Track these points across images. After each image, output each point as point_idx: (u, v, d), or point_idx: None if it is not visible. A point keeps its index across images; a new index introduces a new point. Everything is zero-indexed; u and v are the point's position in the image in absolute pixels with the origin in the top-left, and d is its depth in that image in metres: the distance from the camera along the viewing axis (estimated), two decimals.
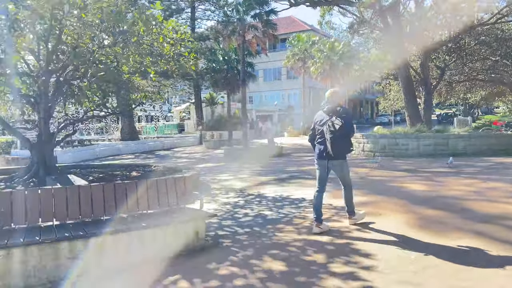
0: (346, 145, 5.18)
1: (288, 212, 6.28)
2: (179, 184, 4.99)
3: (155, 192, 4.80)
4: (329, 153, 5.05)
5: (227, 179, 10.58)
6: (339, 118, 5.04)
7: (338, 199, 7.09)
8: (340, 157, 5.16)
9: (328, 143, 5.03)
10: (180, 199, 4.96)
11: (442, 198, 6.84)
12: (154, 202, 4.78)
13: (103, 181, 9.13)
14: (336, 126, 5.00)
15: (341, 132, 5.01)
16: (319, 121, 5.23)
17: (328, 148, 5.03)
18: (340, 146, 5.07)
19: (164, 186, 4.88)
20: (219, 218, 6.03)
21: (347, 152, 5.23)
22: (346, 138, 5.14)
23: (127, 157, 21.53)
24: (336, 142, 5.01)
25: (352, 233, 4.93)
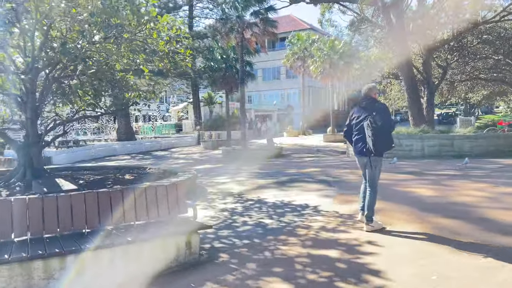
0: (387, 141, 5.08)
1: (290, 220, 5.81)
2: (171, 191, 4.51)
3: (144, 201, 4.33)
4: (369, 149, 4.98)
5: (224, 182, 10.11)
6: (378, 114, 4.95)
7: (343, 205, 6.65)
8: (378, 154, 5.05)
9: (368, 139, 4.95)
10: (171, 208, 4.49)
11: (453, 205, 6.38)
12: (143, 212, 4.31)
13: (94, 184, 8.66)
14: (378, 122, 4.90)
15: (382, 128, 4.91)
16: (357, 117, 5.17)
17: (369, 144, 4.96)
18: (382, 142, 4.98)
19: (154, 194, 4.41)
20: (215, 228, 5.56)
21: (388, 148, 5.18)
22: (387, 133, 5.07)
23: (123, 158, 21.04)
24: (377, 138, 4.92)
25: (362, 246, 4.46)
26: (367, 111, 5.07)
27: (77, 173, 10.95)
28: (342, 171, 11.27)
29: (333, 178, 9.77)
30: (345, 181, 9.40)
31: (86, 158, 20.79)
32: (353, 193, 7.78)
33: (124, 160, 19.71)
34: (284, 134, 35.22)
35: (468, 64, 28.74)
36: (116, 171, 10.88)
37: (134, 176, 9.51)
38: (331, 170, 11.61)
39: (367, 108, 5.10)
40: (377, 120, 4.91)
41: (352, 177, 9.90)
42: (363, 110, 5.14)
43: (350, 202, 6.95)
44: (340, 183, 9.07)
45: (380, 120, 4.91)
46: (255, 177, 10.86)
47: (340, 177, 9.93)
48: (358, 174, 10.56)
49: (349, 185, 8.74)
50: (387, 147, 5.11)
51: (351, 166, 12.70)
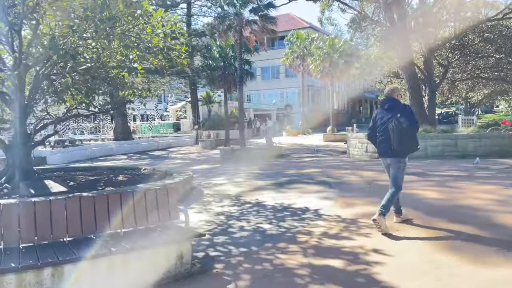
0: (412, 142, 5.04)
1: (290, 225, 5.47)
2: (161, 196, 4.17)
3: (131, 207, 3.99)
4: (394, 151, 4.99)
5: (222, 183, 9.77)
6: (403, 115, 4.95)
7: (345, 208, 6.31)
8: (403, 155, 5.08)
9: (393, 141, 4.95)
10: (162, 214, 4.14)
11: (461, 208, 6.05)
12: (130, 219, 3.96)
13: (85, 186, 8.31)
14: (403, 124, 4.89)
15: (407, 129, 4.89)
16: (380, 118, 5.18)
17: (394, 145, 4.96)
18: (406, 143, 4.97)
19: (143, 200, 4.07)
20: (211, 234, 5.22)
21: (414, 150, 5.13)
22: (412, 135, 5.03)
23: (120, 157, 20.67)
24: (401, 140, 4.91)
25: (368, 255, 4.12)
26: (390, 112, 5.07)
27: (69, 174, 10.60)
28: (343, 172, 10.93)
29: (334, 180, 9.43)
30: (346, 182, 9.06)
31: (81, 158, 20.42)
32: (355, 195, 7.46)
33: (121, 160, 19.35)
34: (283, 134, 34.89)
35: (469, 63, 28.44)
36: (110, 172, 10.53)
37: (128, 178, 9.16)
38: (332, 170, 11.27)
39: (391, 110, 5.10)
40: (402, 122, 4.89)
41: (353, 178, 9.57)
42: (387, 111, 5.15)
43: (352, 205, 6.61)
44: (341, 184, 8.73)
45: (405, 121, 4.90)
46: (253, 178, 10.53)
47: (341, 178, 9.60)
48: (360, 175, 10.29)
49: (350, 187, 8.41)
50: (412, 148, 5.09)
51: (351, 166, 12.38)
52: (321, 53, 28.94)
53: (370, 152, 14.95)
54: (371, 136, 5.44)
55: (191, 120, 34.28)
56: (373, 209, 6.20)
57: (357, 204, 6.68)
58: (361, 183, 8.93)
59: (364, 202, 6.76)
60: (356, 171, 10.92)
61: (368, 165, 12.42)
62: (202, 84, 32.35)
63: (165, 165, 15.27)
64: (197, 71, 27.64)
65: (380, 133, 5.17)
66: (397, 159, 5.06)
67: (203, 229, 5.45)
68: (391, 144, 4.99)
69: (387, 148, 5.07)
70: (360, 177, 9.77)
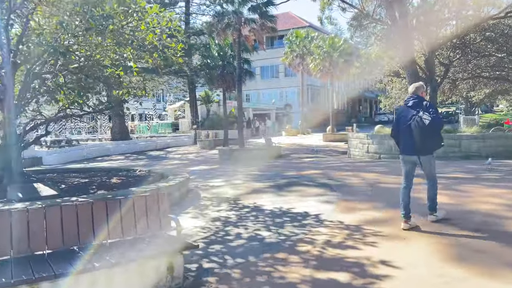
0: (437, 139, 5.05)
1: (290, 232, 5.15)
2: (151, 203, 3.86)
3: (118, 215, 3.67)
4: (419, 149, 4.98)
5: (219, 186, 9.46)
6: (427, 113, 4.90)
7: (348, 213, 5.99)
8: (429, 152, 5.09)
9: (417, 139, 4.93)
10: (152, 223, 3.83)
11: (470, 214, 5.73)
12: (117, 228, 3.65)
13: (77, 189, 7.98)
14: (426, 121, 4.84)
15: (431, 127, 4.85)
16: (404, 116, 5.16)
17: (418, 143, 4.94)
18: (431, 141, 4.97)
19: (131, 207, 3.75)
20: (206, 242, 4.90)
21: (438, 147, 5.14)
22: (436, 132, 5.01)
23: (116, 158, 20.36)
24: (426, 137, 4.90)
25: (375, 268, 3.80)
26: (414, 109, 5.03)
27: (62, 175, 10.28)
28: (344, 173, 10.62)
29: (335, 182, 9.11)
30: (348, 185, 8.75)
31: (78, 159, 20.10)
32: (358, 199, 7.15)
33: (117, 160, 19.03)
34: (283, 134, 34.59)
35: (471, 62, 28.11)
36: (104, 173, 10.22)
37: (122, 180, 8.84)
38: (332, 172, 10.96)
39: (414, 107, 5.05)
40: (425, 119, 4.83)
41: (355, 181, 9.25)
42: (411, 109, 5.09)
43: (355, 210, 6.30)
44: (342, 187, 8.42)
45: (429, 118, 4.84)
46: (252, 179, 10.22)
47: (342, 181, 9.29)
48: (361, 177, 9.97)
49: (352, 190, 8.09)
50: (436, 145, 5.09)
51: (353, 168, 12.07)
52: (321, 52, 28.64)
53: (371, 152, 14.65)
54: (395, 133, 5.43)
55: (189, 119, 33.95)
56: (377, 214, 5.93)
57: (360, 208, 6.37)
58: (363, 185, 8.62)
59: (368, 207, 6.46)
60: (357, 172, 10.61)
61: (369, 166, 12.12)
62: (200, 84, 32.05)
63: (162, 166, 14.96)
64: (195, 70, 27.31)
65: (404, 130, 5.13)
66: (424, 157, 5.06)
67: (198, 237, 5.15)
68: (415, 142, 4.95)
69: (411, 145, 5.04)
70: (362, 179, 9.46)
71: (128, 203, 3.76)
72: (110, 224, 3.62)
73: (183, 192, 7.95)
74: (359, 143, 15.45)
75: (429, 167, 5.18)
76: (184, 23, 30.18)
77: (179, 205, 7.23)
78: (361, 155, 15.16)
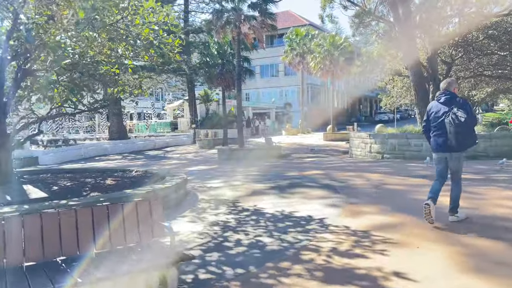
0: (472, 137, 4.96)
1: (293, 239, 4.81)
2: (143, 210, 3.52)
3: (106, 223, 3.33)
4: (452, 146, 4.88)
5: (218, 187, 9.12)
6: (461, 109, 4.82)
7: (354, 218, 5.66)
8: (462, 149, 5.00)
9: (451, 135, 4.85)
10: (143, 232, 3.50)
11: (487, 219, 5.38)
12: (104, 238, 3.31)
13: (69, 191, 7.63)
14: (461, 118, 4.77)
15: (466, 123, 4.78)
16: (435, 112, 5.09)
17: (451, 140, 4.86)
18: (465, 138, 4.87)
19: (120, 214, 3.41)
20: (203, 249, 4.57)
21: (472, 145, 5.03)
22: (471, 129, 4.94)
23: (114, 158, 20.01)
24: (460, 134, 4.82)
25: (388, 280, 3.46)
26: (447, 106, 4.96)
27: (56, 176, 9.93)
28: (347, 174, 10.29)
29: (338, 183, 8.78)
30: (352, 186, 8.42)
31: (75, 158, 19.76)
32: (363, 202, 6.82)
33: (115, 160, 18.68)
34: (283, 133, 34.26)
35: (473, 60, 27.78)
36: (99, 174, 9.87)
37: (117, 181, 8.50)
38: (335, 173, 10.63)
39: (447, 103, 4.98)
40: (460, 116, 4.75)
41: (359, 182, 8.92)
42: (443, 105, 5.02)
43: (361, 214, 5.96)
44: (346, 189, 8.08)
45: (463, 115, 4.77)
46: (252, 180, 9.88)
47: (346, 182, 8.96)
48: (365, 178, 9.64)
49: (357, 192, 7.76)
50: (470, 143, 4.97)
51: (356, 168, 11.75)
52: (321, 50, 28.30)
53: (373, 152, 14.32)
54: (425, 130, 5.35)
55: (188, 119, 33.61)
56: (385, 218, 5.59)
57: (367, 212, 6.03)
58: (368, 187, 8.29)
59: (374, 210, 6.12)
60: (361, 173, 10.28)
61: (372, 167, 11.79)
62: (200, 82, 31.71)
63: (159, 166, 14.63)
64: (194, 69, 26.95)
65: (435, 127, 5.07)
66: (456, 154, 4.98)
67: (194, 243, 4.81)
68: (447, 139, 4.87)
69: (443, 142, 4.96)
70: (366, 180, 9.13)
71: (117, 209, 3.42)
72: (96, 233, 3.29)
73: (180, 194, 7.61)
74: (361, 143, 15.12)
75: (457, 165, 5.07)
76: (183, 21, 29.82)
77: (175, 208, 6.90)
78: (363, 155, 14.83)
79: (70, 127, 32.02)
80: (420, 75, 16.84)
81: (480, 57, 27.30)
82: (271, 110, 44.13)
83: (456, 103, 4.93)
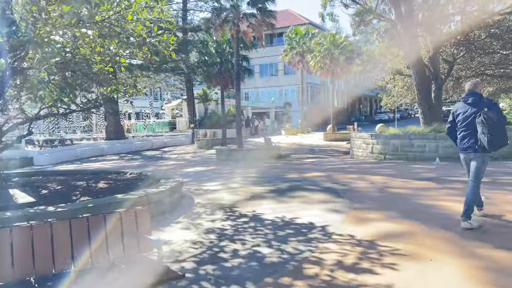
0: (503, 137, 4.85)
1: (294, 250, 4.46)
2: (128, 221, 3.17)
3: (85, 238, 2.98)
4: (482, 146, 4.84)
5: (215, 190, 8.77)
6: (492, 109, 4.80)
7: (359, 225, 5.31)
8: (493, 149, 4.90)
9: (481, 136, 4.80)
10: (128, 246, 3.14)
11: (499, 228, 5.04)
12: (84, 254, 2.96)
13: (57, 196, 7.25)
14: (493, 118, 4.73)
15: (498, 124, 4.76)
16: (463, 113, 5.07)
17: (482, 141, 4.80)
18: (498, 138, 4.79)
19: (102, 227, 3.06)
20: (196, 261, 4.22)
21: (504, 145, 4.92)
22: (502, 129, 4.86)
23: (111, 158, 19.65)
24: (492, 135, 4.74)
25: None
26: (475, 107, 4.94)
27: (47, 178, 9.58)
28: (349, 176, 9.95)
29: (341, 186, 8.44)
30: (355, 189, 8.07)
31: (71, 159, 19.40)
32: (367, 207, 6.47)
33: (111, 161, 18.32)
34: (282, 133, 33.91)
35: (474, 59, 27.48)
36: (92, 176, 9.52)
37: (109, 184, 8.14)
38: (337, 175, 10.29)
39: (475, 104, 4.96)
40: (492, 116, 4.71)
41: (362, 185, 8.58)
42: (470, 106, 5.01)
43: (366, 221, 5.62)
44: (349, 192, 7.74)
45: (496, 115, 4.76)
46: (250, 183, 9.53)
47: (348, 185, 8.61)
48: (368, 180, 9.28)
49: (360, 196, 7.41)
50: (502, 143, 4.88)
51: (358, 170, 11.41)
52: (321, 49, 27.95)
53: (375, 153, 13.98)
54: (451, 131, 5.36)
55: (187, 118, 33.25)
56: (392, 226, 5.25)
57: (372, 219, 5.69)
58: (372, 190, 7.95)
59: (380, 217, 5.78)
60: (363, 175, 9.93)
61: (375, 168, 11.45)
62: (198, 81, 31.34)
63: (156, 167, 14.29)
64: (192, 68, 26.58)
65: (463, 128, 5.07)
66: (483, 154, 4.94)
67: (187, 254, 4.46)
68: (477, 139, 4.84)
69: (472, 143, 4.93)
70: (369, 183, 8.78)
71: (99, 222, 3.07)
72: (75, 249, 2.93)
73: (175, 198, 7.25)
74: (362, 143, 14.77)
75: (480, 165, 5.02)
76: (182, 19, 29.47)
77: (170, 213, 6.56)
78: (364, 156, 14.49)
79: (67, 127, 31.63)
80: (423, 74, 16.52)
81: (482, 56, 27.00)
82: (270, 110, 43.78)
83: (484, 103, 4.91)
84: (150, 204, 6.23)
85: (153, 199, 6.35)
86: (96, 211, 5.33)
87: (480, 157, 4.99)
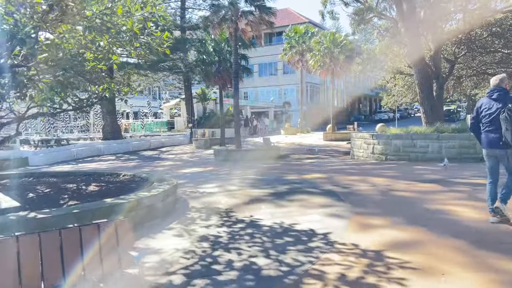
0: None
1: (293, 260, 4.12)
2: (107, 235, 2.83)
3: (57, 254, 2.64)
4: (507, 142, 4.76)
5: (212, 192, 8.44)
6: None
7: (363, 232, 4.97)
8: None
9: (507, 132, 4.73)
10: (108, 261, 2.80)
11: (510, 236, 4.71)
12: (56, 271, 2.62)
13: (44, 200, 6.93)
14: None
15: None
16: (488, 108, 5.00)
17: (506, 137, 4.73)
18: None
19: (77, 242, 2.72)
20: (187, 274, 3.88)
21: None
22: None
23: (107, 158, 19.32)
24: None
25: None
26: (500, 102, 4.86)
27: (38, 180, 9.22)
28: (350, 178, 9.62)
29: (342, 189, 8.10)
30: (356, 192, 7.73)
31: (66, 159, 19.07)
32: (371, 212, 6.13)
33: (107, 161, 17.97)
34: (282, 132, 33.60)
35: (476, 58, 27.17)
36: (84, 178, 9.17)
37: (100, 187, 7.79)
38: (337, 176, 9.96)
39: (500, 100, 4.88)
40: None
41: (363, 187, 8.24)
42: (495, 101, 4.93)
43: (370, 228, 5.28)
44: (351, 195, 7.40)
45: None
46: (248, 185, 9.19)
47: (349, 187, 8.28)
48: (370, 182, 8.93)
49: (362, 199, 7.07)
50: None
51: (359, 171, 11.07)
52: (321, 48, 27.63)
53: (376, 153, 13.65)
54: (474, 126, 5.28)
55: (185, 118, 32.91)
56: (398, 234, 4.90)
57: (376, 225, 5.35)
58: (374, 193, 7.61)
59: (385, 223, 5.44)
60: (365, 177, 9.60)
61: (377, 170, 11.12)
62: (196, 81, 31.02)
63: (152, 168, 13.97)
64: (191, 67, 26.24)
65: (488, 124, 5.00)
66: (510, 150, 4.84)
67: (178, 265, 4.12)
68: (502, 135, 4.77)
69: (497, 139, 4.86)
70: (371, 185, 8.45)
71: (74, 235, 2.73)
72: (45, 266, 2.59)
73: (169, 202, 6.90)
74: (363, 143, 14.45)
75: (510, 162, 4.92)
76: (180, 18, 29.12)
77: (162, 218, 6.21)
78: (365, 156, 14.16)
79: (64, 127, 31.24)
80: (425, 73, 16.19)
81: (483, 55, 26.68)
82: (269, 109, 43.46)
83: (510, 99, 4.82)
84: (141, 209, 5.91)
85: (144, 203, 6.01)
86: (83, 217, 5.01)
87: (510, 154, 4.88)
